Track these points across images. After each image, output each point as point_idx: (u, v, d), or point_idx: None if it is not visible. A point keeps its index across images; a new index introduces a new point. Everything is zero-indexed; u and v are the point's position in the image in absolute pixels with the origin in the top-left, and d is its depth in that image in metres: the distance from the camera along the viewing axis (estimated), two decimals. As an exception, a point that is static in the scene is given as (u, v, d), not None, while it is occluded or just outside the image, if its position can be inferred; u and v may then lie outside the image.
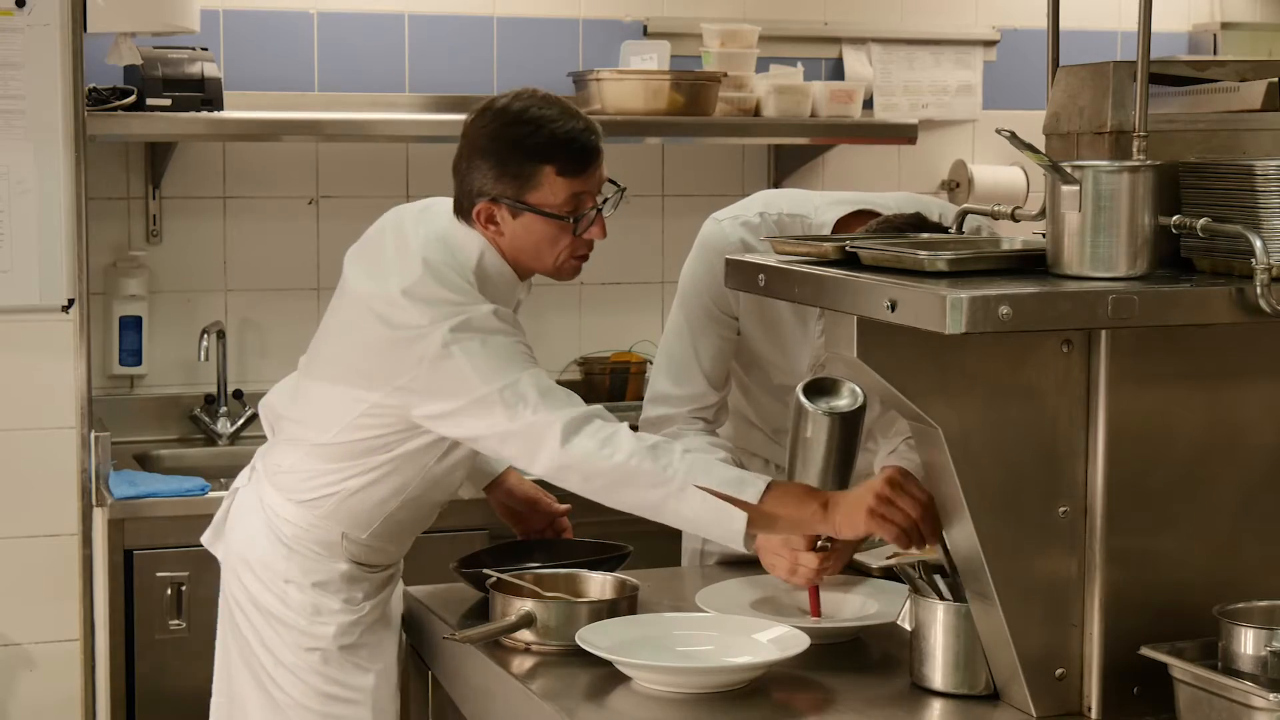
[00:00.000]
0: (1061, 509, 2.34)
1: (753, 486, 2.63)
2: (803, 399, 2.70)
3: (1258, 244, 2.18)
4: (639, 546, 3.12)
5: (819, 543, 2.76)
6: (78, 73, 3.82)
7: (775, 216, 3.06)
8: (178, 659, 3.84)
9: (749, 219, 3.07)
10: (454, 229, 2.89)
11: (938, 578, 2.50)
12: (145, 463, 4.22)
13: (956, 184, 5.03)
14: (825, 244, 2.42)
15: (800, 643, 2.56)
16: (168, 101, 4.06)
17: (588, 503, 3.30)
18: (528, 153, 2.82)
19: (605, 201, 2.89)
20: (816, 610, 2.82)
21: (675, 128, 4.51)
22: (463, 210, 2.88)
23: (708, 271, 3.05)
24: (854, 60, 4.96)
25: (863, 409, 2.72)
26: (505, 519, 3.25)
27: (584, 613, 2.72)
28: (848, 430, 2.71)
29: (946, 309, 2.09)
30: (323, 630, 2.97)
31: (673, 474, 2.64)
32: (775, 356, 3.12)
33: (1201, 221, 2.25)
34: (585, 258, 2.91)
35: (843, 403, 2.72)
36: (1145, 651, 2.26)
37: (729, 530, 2.63)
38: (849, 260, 2.37)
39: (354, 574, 2.98)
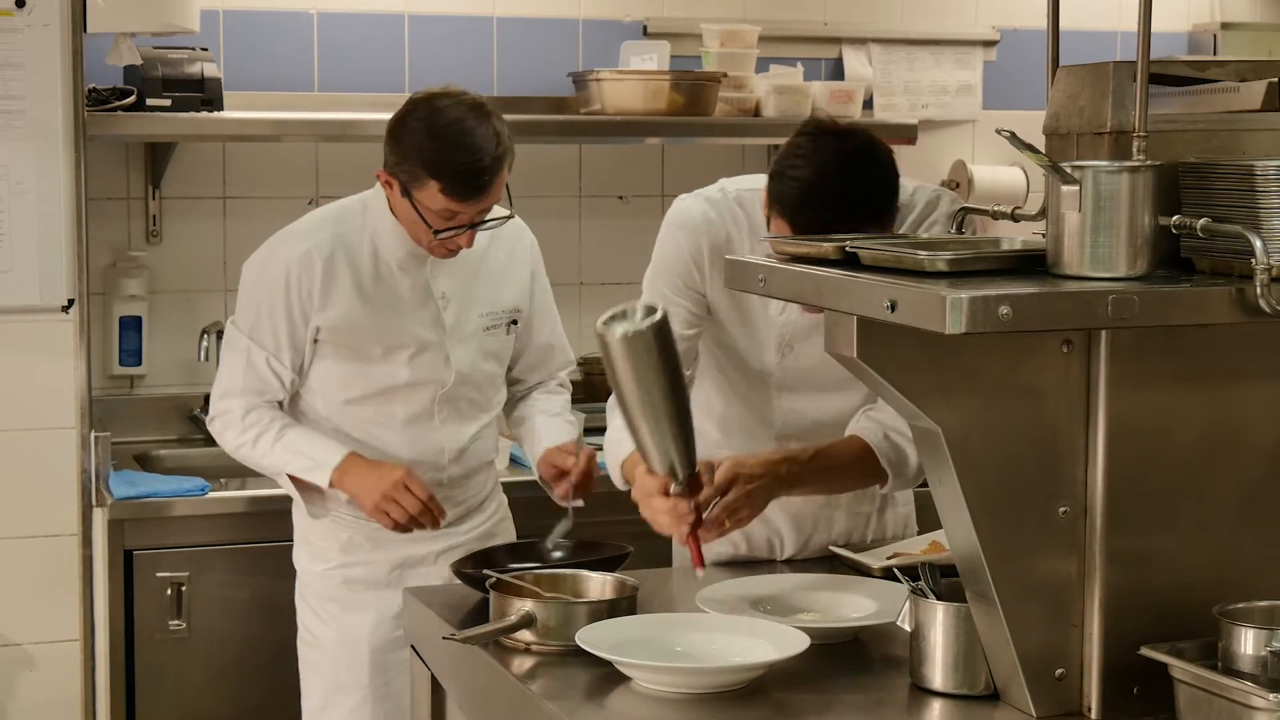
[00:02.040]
0: (1061, 509, 2.34)
1: (329, 461, 3.23)
2: (599, 326, 2.58)
3: (1258, 244, 2.18)
4: (639, 547, 3.11)
5: (671, 488, 2.69)
6: (78, 73, 3.82)
7: (734, 193, 3.09)
8: (178, 659, 3.84)
9: (710, 194, 3.11)
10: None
11: (922, 584, 2.50)
12: (145, 463, 4.23)
13: (956, 184, 5.03)
14: (825, 244, 2.42)
15: (800, 643, 2.56)
16: (168, 101, 4.07)
17: (587, 504, 3.31)
18: (425, 162, 3.15)
19: (486, 224, 3.22)
20: (698, 559, 2.74)
21: (675, 128, 4.51)
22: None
23: (673, 246, 3.09)
24: (854, 60, 4.96)
25: (658, 327, 2.56)
26: (550, 480, 3.37)
27: (584, 613, 2.72)
28: (647, 350, 2.56)
29: (946, 309, 2.08)
30: (298, 579, 3.43)
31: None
32: (744, 340, 3.12)
33: (1201, 222, 2.25)
34: (457, 250, 3.24)
35: (636, 323, 2.56)
36: (1145, 651, 2.26)
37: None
38: (849, 260, 2.37)
39: (313, 526, 3.34)
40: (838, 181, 2.72)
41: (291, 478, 3.29)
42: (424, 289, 3.31)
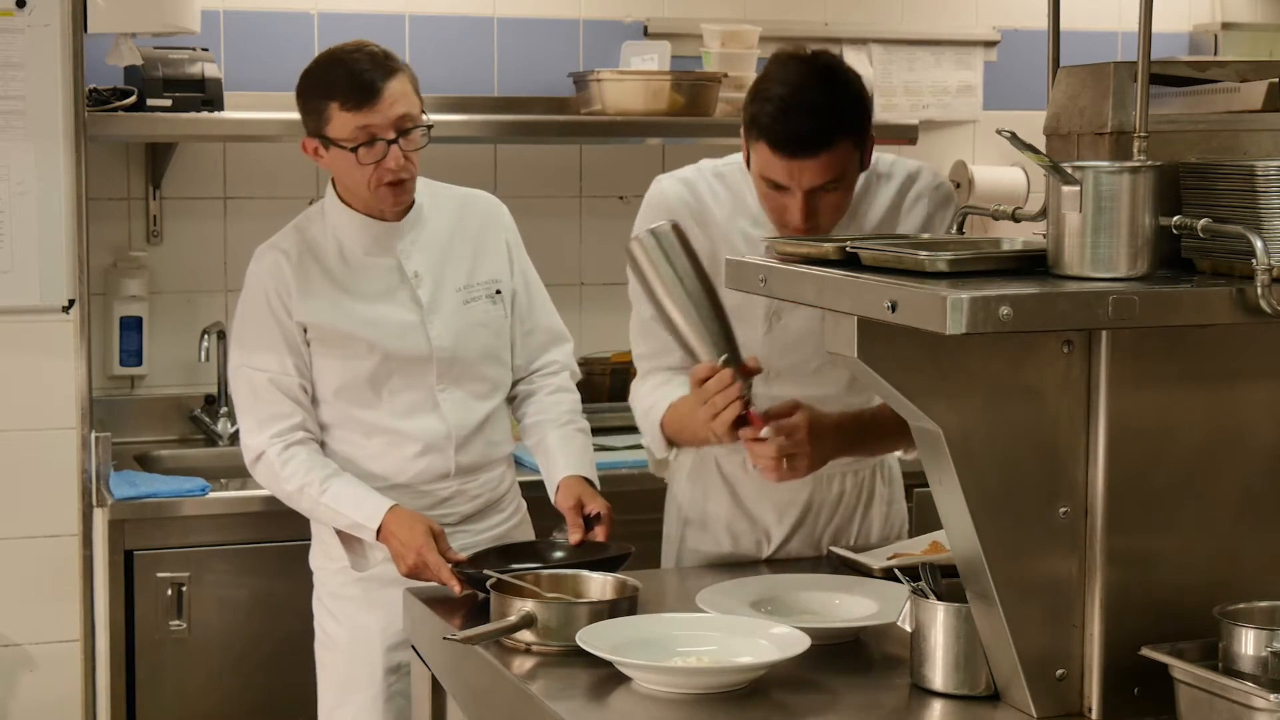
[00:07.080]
0: (1062, 509, 2.34)
1: (369, 525, 3.17)
2: (628, 245, 2.84)
3: (1258, 245, 2.18)
4: (640, 548, 3.12)
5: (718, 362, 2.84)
6: (78, 73, 3.82)
7: (712, 168, 3.17)
8: (178, 659, 3.84)
9: (686, 174, 3.19)
10: None
11: (922, 584, 2.50)
12: (146, 463, 4.23)
13: (957, 184, 5.03)
14: (825, 244, 2.42)
15: (800, 643, 2.56)
16: (168, 102, 4.07)
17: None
18: (318, 91, 3.23)
19: (405, 134, 3.19)
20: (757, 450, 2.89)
21: (675, 128, 4.51)
22: None
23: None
24: (854, 60, 4.96)
25: (674, 226, 2.83)
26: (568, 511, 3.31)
27: (584, 613, 2.72)
28: (670, 247, 2.81)
29: (947, 309, 2.08)
30: (315, 580, 3.39)
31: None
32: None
33: (1202, 222, 2.25)
34: (397, 186, 3.23)
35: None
36: (1146, 652, 2.26)
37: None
38: (849, 260, 2.37)
39: (321, 528, 3.33)
40: (811, 95, 2.88)
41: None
42: (396, 271, 3.32)
